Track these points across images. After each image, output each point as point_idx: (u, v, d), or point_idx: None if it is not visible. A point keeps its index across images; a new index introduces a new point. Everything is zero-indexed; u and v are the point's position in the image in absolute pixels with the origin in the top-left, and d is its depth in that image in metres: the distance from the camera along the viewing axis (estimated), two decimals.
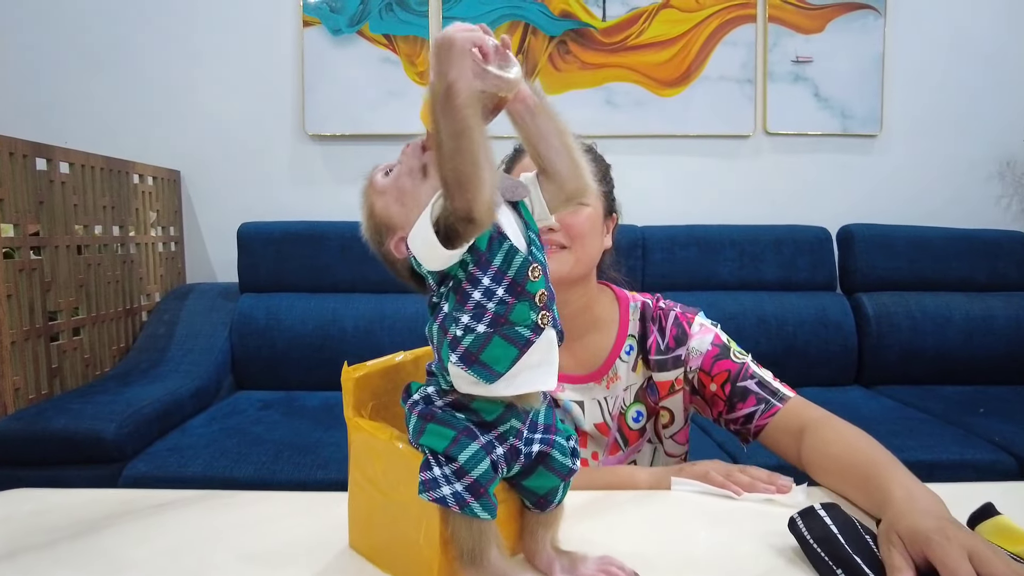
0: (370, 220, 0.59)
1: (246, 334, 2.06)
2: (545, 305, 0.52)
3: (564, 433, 0.59)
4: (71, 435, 1.42)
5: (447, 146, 0.45)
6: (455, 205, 0.46)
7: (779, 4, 2.38)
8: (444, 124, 0.45)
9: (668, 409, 0.98)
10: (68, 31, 2.33)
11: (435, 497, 0.51)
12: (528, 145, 0.56)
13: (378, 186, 0.58)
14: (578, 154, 0.56)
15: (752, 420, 0.90)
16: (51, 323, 1.68)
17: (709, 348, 0.96)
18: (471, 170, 0.45)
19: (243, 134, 2.40)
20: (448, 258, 0.49)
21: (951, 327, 2.11)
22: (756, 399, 0.90)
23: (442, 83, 0.45)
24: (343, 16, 2.36)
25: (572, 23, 2.40)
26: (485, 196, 0.46)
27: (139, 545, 0.65)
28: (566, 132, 0.56)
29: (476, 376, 0.50)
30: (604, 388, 0.96)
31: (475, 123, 0.45)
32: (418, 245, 0.51)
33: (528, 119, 0.54)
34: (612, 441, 0.96)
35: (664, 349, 0.97)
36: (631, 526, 0.70)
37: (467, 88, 0.45)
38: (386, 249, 0.58)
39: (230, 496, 0.77)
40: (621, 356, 0.97)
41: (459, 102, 0.45)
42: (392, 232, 0.57)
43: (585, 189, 0.57)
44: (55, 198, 1.70)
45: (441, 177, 0.47)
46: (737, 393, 0.91)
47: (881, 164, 2.46)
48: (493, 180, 0.46)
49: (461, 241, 0.48)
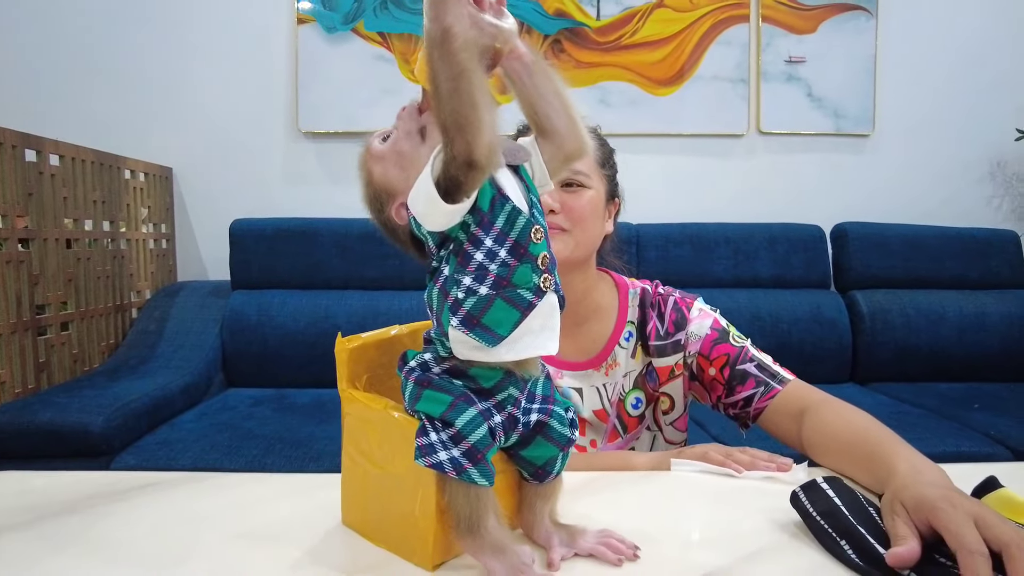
0: (369, 188, 0.57)
1: (237, 331, 2.04)
2: (547, 268, 0.51)
3: (563, 404, 0.58)
4: (57, 428, 1.40)
5: (445, 89, 0.44)
6: (455, 149, 0.45)
7: (772, 4, 2.40)
8: (441, 68, 0.44)
9: (668, 395, 0.97)
10: (63, 26, 2.32)
11: (431, 463, 0.49)
12: (525, 104, 0.55)
13: (375, 152, 0.56)
14: (575, 112, 0.55)
15: (751, 403, 0.89)
16: (39, 317, 1.66)
17: (708, 332, 0.95)
18: (470, 111, 0.44)
19: (236, 131, 2.39)
20: (450, 214, 0.48)
21: (945, 324, 2.12)
22: (755, 382, 0.89)
23: (438, 27, 0.44)
24: (337, 14, 2.36)
25: (566, 22, 2.40)
26: (485, 138, 0.45)
27: (124, 525, 0.63)
28: (563, 91, 0.55)
29: (478, 339, 0.49)
30: (603, 375, 0.95)
31: (472, 66, 0.44)
32: (419, 204, 0.49)
33: (525, 77, 0.53)
34: (611, 428, 0.95)
35: (663, 334, 0.96)
36: (631, 504, 0.69)
37: (463, 32, 0.44)
38: (387, 216, 0.57)
39: (219, 478, 0.75)
40: (620, 342, 0.96)
41: (456, 45, 0.43)
42: (392, 198, 0.56)
43: (583, 147, 0.56)
44: (44, 190, 1.68)
45: (440, 123, 0.45)
46: (736, 376, 0.90)
47: (874, 164, 2.47)
48: (493, 123, 0.45)
49: (462, 193, 0.47)
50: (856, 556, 0.52)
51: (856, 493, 0.59)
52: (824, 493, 0.59)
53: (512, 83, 0.54)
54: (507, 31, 0.50)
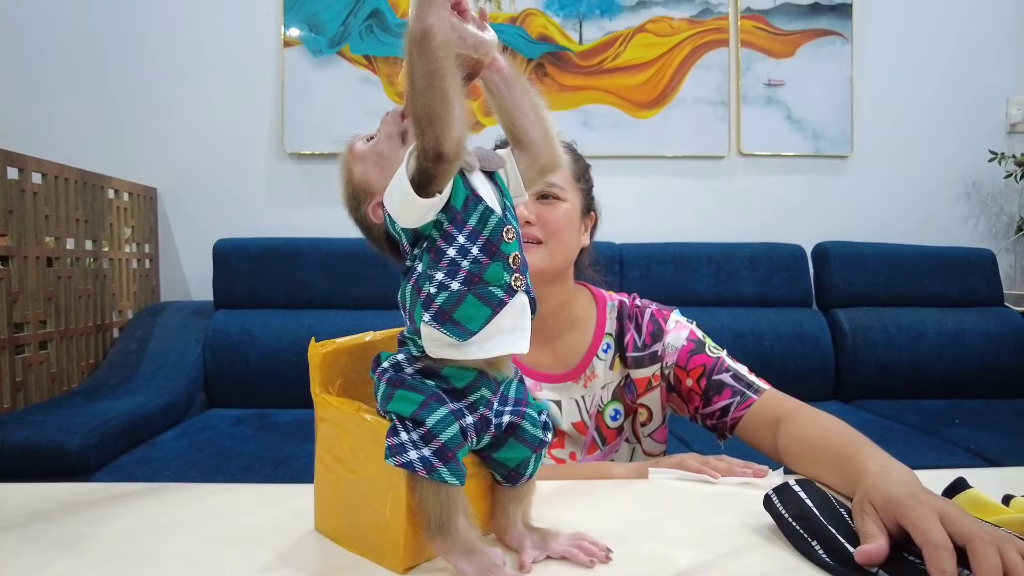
0: (348, 186, 0.59)
1: (219, 350, 2.02)
2: (519, 268, 0.52)
3: (536, 406, 0.58)
4: (33, 447, 1.37)
5: (420, 84, 0.46)
6: (425, 143, 0.47)
7: (751, 29, 2.46)
8: (419, 64, 0.46)
9: (646, 406, 0.97)
10: (50, 46, 2.33)
11: (402, 462, 0.49)
12: (502, 116, 0.57)
13: (357, 152, 0.58)
14: (550, 126, 0.57)
15: (728, 413, 0.89)
16: (16, 335, 1.64)
17: (684, 343, 0.95)
18: (441, 107, 0.46)
19: (221, 152, 2.40)
20: (423, 209, 0.49)
21: (925, 341, 2.14)
22: (731, 391, 0.90)
23: (419, 26, 0.46)
24: (324, 37, 2.39)
25: (550, 46, 2.45)
26: (454, 133, 0.46)
27: (95, 532, 0.62)
28: (540, 104, 0.57)
29: (448, 334, 0.50)
30: (581, 387, 0.95)
31: (448, 64, 0.46)
32: (394, 200, 0.50)
33: (504, 89, 0.56)
34: (590, 440, 0.95)
35: (641, 346, 0.97)
36: (606, 508, 0.69)
37: (443, 32, 0.46)
38: (362, 213, 0.58)
39: (191, 487, 0.75)
40: (598, 354, 0.97)
41: (435, 44, 0.46)
42: (370, 197, 0.57)
43: (557, 160, 0.58)
44: (26, 208, 1.67)
45: (413, 116, 0.47)
46: (713, 386, 0.91)
47: (853, 184, 2.51)
48: (463, 118, 0.47)
49: (433, 186, 0.48)
50: (827, 556, 0.52)
51: (827, 495, 0.60)
52: (796, 496, 0.59)
53: (491, 94, 0.56)
54: (488, 43, 0.53)
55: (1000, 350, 2.15)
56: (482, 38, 0.52)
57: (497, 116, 0.57)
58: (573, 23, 2.44)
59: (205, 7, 2.37)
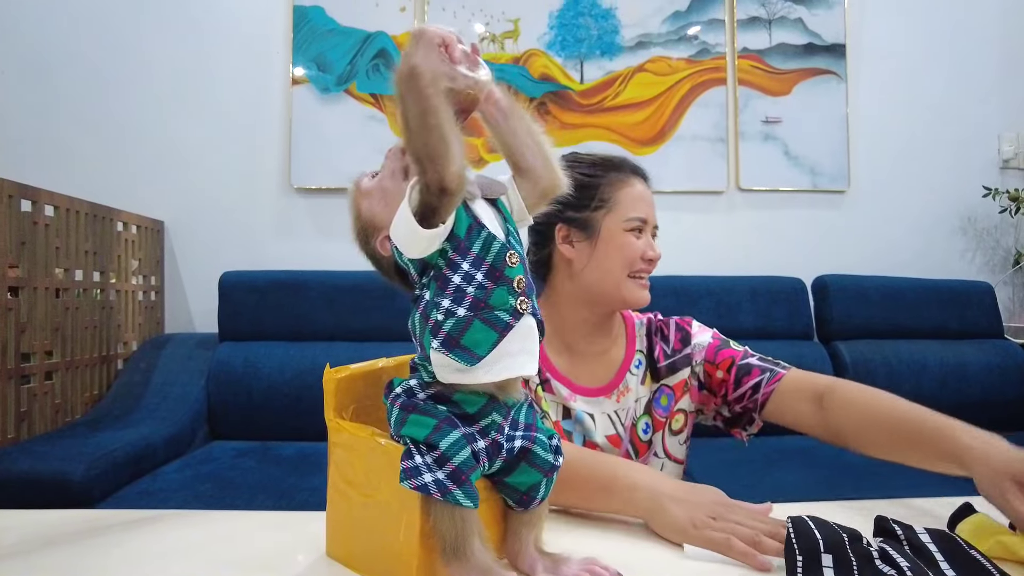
0: (357, 222, 0.61)
1: (223, 382, 2.02)
2: (524, 292, 0.54)
3: (546, 431, 0.59)
4: (37, 477, 1.37)
5: (414, 124, 0.48)
6: (427, 179, 0.49)
7: (748, 68, 2.52)
8: (410, 103, 0.48)
9: (683, 411, 1.01)
10: (65, 84, 2.39)
11: (416, 485, 0.50)
12: (502, 145, 0.59)
13: (363, 188, 0.61)
14: (549, 152, 0.59)
15: (759, 389, 0.93)
16: (23, 365, 1.65)
17: (711, 341, 1.01)
18: (439, 144, 0.48)
19: (229, 187, 2.44)
20: (428, 239, 0.51)
21: (927, 374, 2.15)
22: (760, 370, 0.95)
23: (406, 65, 0.48)
24: (331, 76, 2.45)
25: (551, 85, 2.51)
26: (455, 167, 0.48)
27: (105, 558, 0.63)
28: (538, 131, 0.59)
29: (457, 359, 0.51)
30: (614, 401, 0.98)
31: (439, 102, 0.48)
32: (400, 233, 0.52)
33: (501, 120, 0.58)
34: (624, 453, 0.97)
35: (671, 352, 1.01)
36: (616, 537, 0.69)
37: (430, 71, 0.48)
38: (372, 247, 0.60)
39: (198, 514, 0.76)
40: (631, 369, 1.00)
41: (422, 83, 0.48)
42: (377, 231, 0.59)
43: (558, 184, 0.60)
44: (38, 240, 1.70)
45: (412, 155, 0.49)
46: (741, 369, 0.96)
47: (851, 219, 2.55)
48: (461, 152, 0.49)
49: (437, 218, 0.50)
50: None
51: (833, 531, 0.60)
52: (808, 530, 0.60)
53: (489, 126, 0.59)
54: (482, 83, 0.55)
55: (1002, 382, 2.16)
56: (475, 78, 0.54)
57: (496, 146, 0.60)
58: (574, 63, 2.51)
59: (216, 46, 2.44)
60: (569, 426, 0.95)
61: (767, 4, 2.53)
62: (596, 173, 0.97)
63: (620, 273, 0.94)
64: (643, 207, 0.97)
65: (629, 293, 0.95)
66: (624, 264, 0.95)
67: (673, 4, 2.52)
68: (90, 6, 2.40)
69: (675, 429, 1.00)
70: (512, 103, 0.58)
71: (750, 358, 0.98)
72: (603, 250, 0.95)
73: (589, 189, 0.96)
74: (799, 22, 2.53)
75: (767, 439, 2.02)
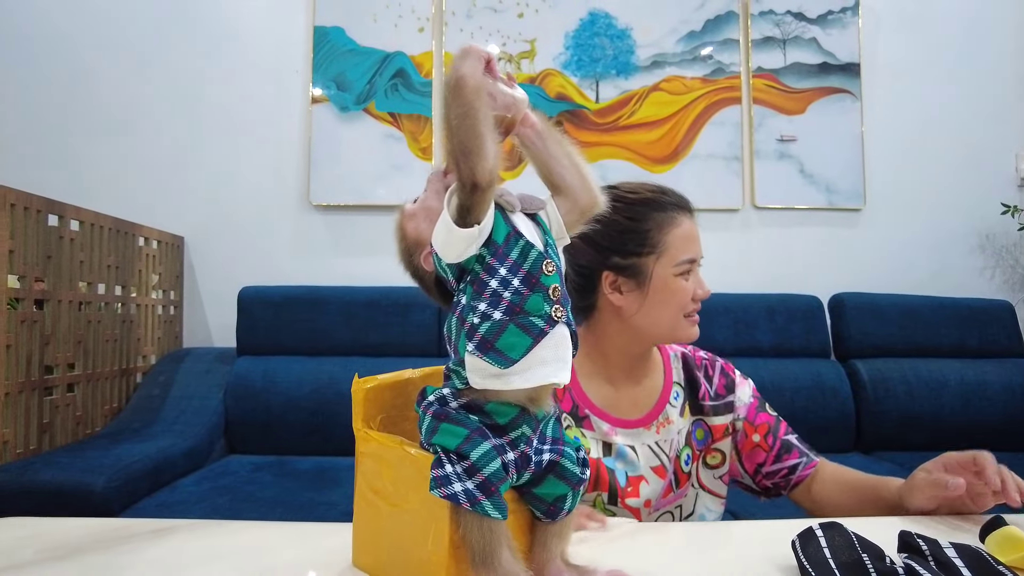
0: (402, 242, 0.63)
1: (241, 396, 2.04)
2: (559, 300, 0.54)
3: (573, 444, 0.60)
4: (59, 487, 1.38)
5: (454, 124, 0.50)
6: (461, 176, 0.51)
7: (763, 87, 2.53)
8: (453, 107, 0.51)
9: (720, 451, 1.01)
10: (90, 100, 2.45)
11: (446, 494, 0.51)
12: (539, 166, 0.61)
13: (408, 212, 0.63)
14: (586, 171, 0.61)
15: (795, 471, 0.96)
16: (46, 377, 1.67)
17: (751, 400, 1.02)
18: (474, 141, 0.50)
19: (249, 203, 2.47)
20: (464, 240, 0.52)
21: (947, 393, 2.12)
22: (799, 452, 0.97)
23: (455, 75, 0.51)
24: (350, 95, 2.49)
25: (567, 104, 2.53)
26: (487, 164, 0.50)
27: (130, 565, 0.64)
28: (573, 152, 0.61)
29: (491, 363, 0.52)
30: (654, 433, 0.97)
31: (479, 105, 0.51)
32: (439, 237, 0.54)
33: (538, 142, 0.60)
34: (667, 483, 0.96)
35: (715, 396, 1.01)
36: (643, 550, 0.69)
37: (475, 79, 0.51)
38: (416, 264, 0.62)
39: (223, 524, 0.77)
40: (671, 401, 0.99)
41: (467, 89, 0.50)
42: (421, 248, 0.61)
43: (596, 202, 0.61)
44: (63, 254, 1.73)
45: (449, 153, 0.52)
46: (784, 446, 0.98)
47: (867, 237, 2.54)
48: (495, 152, 0.51)
49: (472, 216, 0.51)
50: None
51: (852, 540, 0.60)
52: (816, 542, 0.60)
53: (525, 148, 0.60)
54: (519, 100, 0.57)
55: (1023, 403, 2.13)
56: (513, 95, 0.57)
57: (534, 167, 0.61)
58: (590, 83, 2.53)
59: (238, 65, 2.49)
60: (611, 463, 0.93)
61: (781, 24, 2.55)
62: (641, 215, 0.92)
63: (674, 317, 0.92)
64: (693, 247, 0.93)
65: (683, 332, 0.93)
66: (678, 309, 0.92)
67: (688, 24, 2.54)
68: (115, 26, 2.47)
69: (711, 464, 1.00)
70: (547, 125, 0.60)
71: (790, 435, 0.99)
72: (655, 297, 0.92)
73: (636, 234, 0.91)
74: (813, 41, 2.55)
75: None
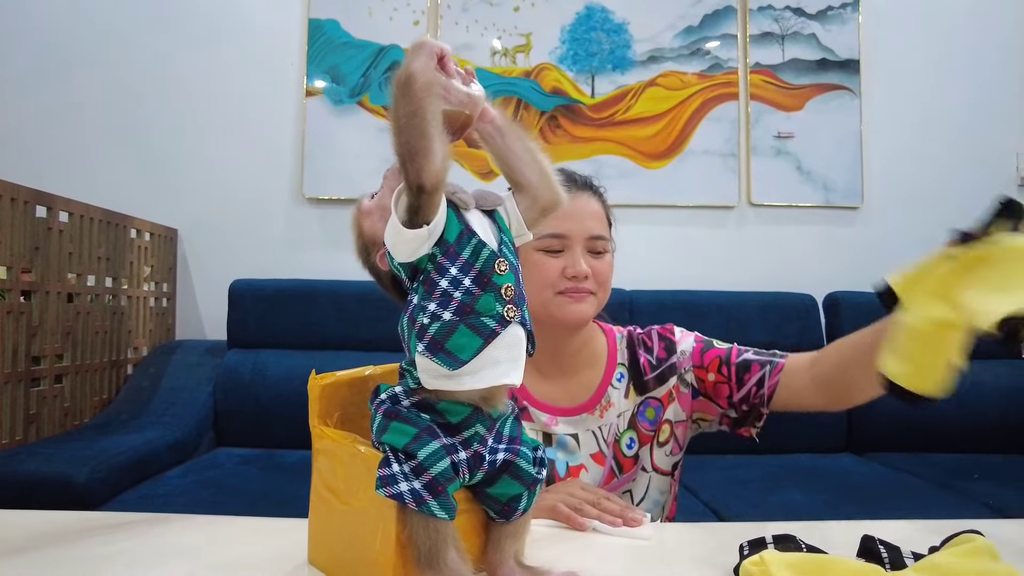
0: (359, 240, 0.63)
1: (230, 389, 2.04)
2: (512, 300, 0.53)
3: (531, 443, 0.59)
4: (41, 478, 1.38)
5: (401, 123, 0.49)
6: (407, 178, 0.49)
7: (760, 83, 2.51)
8: (401, 106, 0.49)
9: (668, 421, 0.99)
10: (81, 90, 2.44)
11: (392, 493, 0.50)
12: (500, 162, 0.60)
13: (364, 208, 0.63)
14: (548, 167, 0.60)
15: (763, 384, 0.92)
16: (33, 368, 1.67)
17: (694, 345, 1.00)
18: (420, 142, 0.49)
19: (242, 196, 2.47)
20: (412, 240, 0.51)
21: None
22: (759, 364, 0.94)
23: (404, 72, 0.49)
24: (344, 88, 2.48)
25: (562, 99, 2.52)
26: (433, 166, 0.49)
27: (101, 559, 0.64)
28: (535, 148, 0.60)
29: (441, 364, 0.51)
30: (597, 417, 0.97)
31: (428, 105, 0.49)
32: (390, 239, 0.53)
33: (497, 137, 0.59)
34: (608, 470, 0.96)
35: (657, 363, 1.00)
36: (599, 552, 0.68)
37: (425, 78, 0.49)
38: (373, 263, 0.61)
39: (194, 518, 0.77)
40: (613, 383, 0.99)
41: (416, 87, 0.49)
42: (377, 247, 0.60)
43: (558, 200, 0.60)
44: (51, 245, 1.73)
45: (396, 154, 0.50)
46: (740, 367, 0.94)
47: (864, 235, 2.52)
48: (442, 153, 0.50)
49: (419, 217, 0.50)
50: None
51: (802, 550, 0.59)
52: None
53: (486, 143, 0.59)
54: (476, 97, 0.56)
55: (1020, 403, 2.11)
56: (468, 92, 0.55)
57: (495, 162, 0.60)
58: (586, 77, 2.51)
59: (232, 57, 2.48)
60: (551, 454, 0.93)
61: (780, 19, 2.53)
62: None
63: (539, 295, 0.90)
64: (555, 222, 0.88)
65: (557, 310, 0.91)
66: (541, 286, 0.90)
67: (685, 19, 2.52)
68: (109, 15, 2.46)
69: (661, 441, 0.99)
70: (507, 120, 0.59)
71: (745, 354, 0.95)
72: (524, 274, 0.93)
73: None
74: (812, 37, 2.53)
75: (772, 457, 2.01)
